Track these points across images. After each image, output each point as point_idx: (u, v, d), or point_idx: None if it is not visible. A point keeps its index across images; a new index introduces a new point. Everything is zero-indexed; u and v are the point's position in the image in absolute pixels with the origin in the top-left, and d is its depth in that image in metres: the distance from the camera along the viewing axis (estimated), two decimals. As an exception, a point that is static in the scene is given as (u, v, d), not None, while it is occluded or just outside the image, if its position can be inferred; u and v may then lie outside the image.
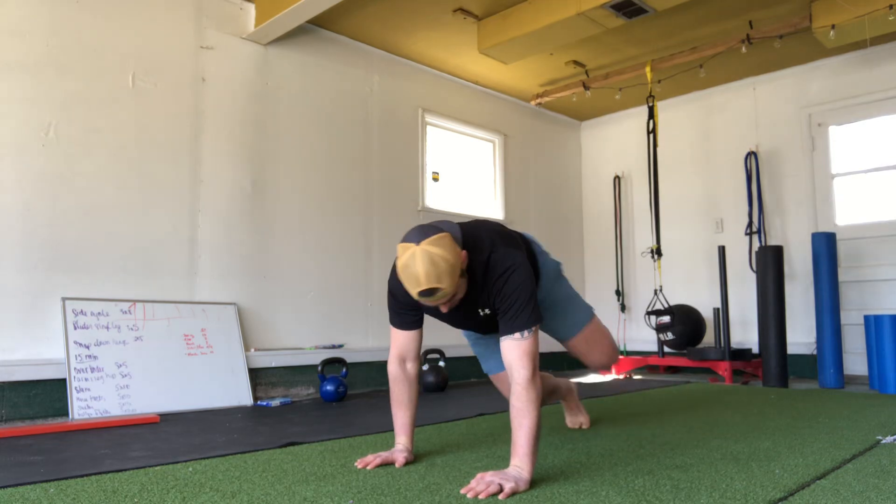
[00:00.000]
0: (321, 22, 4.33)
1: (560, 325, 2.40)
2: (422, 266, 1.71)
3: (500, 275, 1.86)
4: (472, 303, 1.96)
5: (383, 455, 1.98)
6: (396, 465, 1.95)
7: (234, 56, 3.98)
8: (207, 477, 1.86)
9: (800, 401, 3.43)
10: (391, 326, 2.10)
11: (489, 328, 2.12)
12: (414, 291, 1.75)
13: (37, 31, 3.23)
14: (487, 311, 1.97)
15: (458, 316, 2.04)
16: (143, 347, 3.32)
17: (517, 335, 1.80)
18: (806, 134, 5.12)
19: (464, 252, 1.83)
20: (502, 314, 1.86)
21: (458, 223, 1.97)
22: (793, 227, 5.14)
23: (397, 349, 2.08)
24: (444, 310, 1.89)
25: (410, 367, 2.08)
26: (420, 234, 1.77)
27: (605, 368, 2.53)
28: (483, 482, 1.66)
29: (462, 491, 1.67)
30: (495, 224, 2.08)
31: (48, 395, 3.06)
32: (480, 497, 1.61)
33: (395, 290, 2.02)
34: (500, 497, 1.61)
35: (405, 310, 2.05)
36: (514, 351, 1.80)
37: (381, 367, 4.39)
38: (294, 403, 3.63)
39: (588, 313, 2.44)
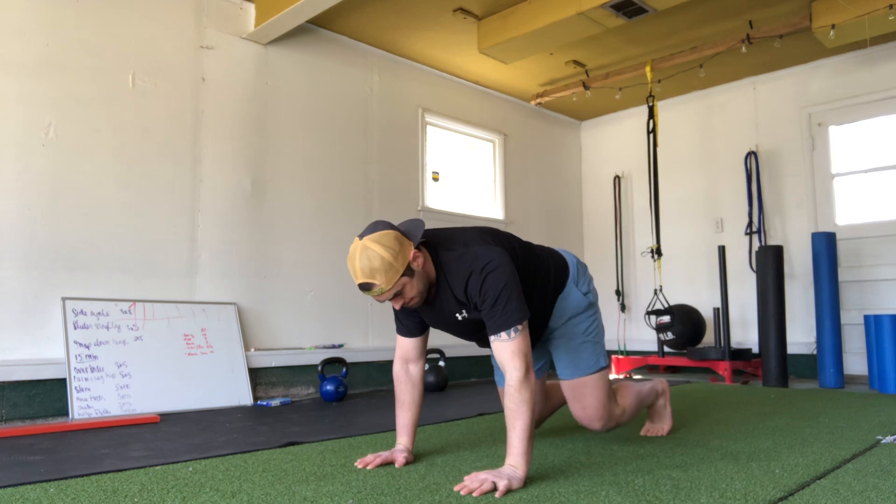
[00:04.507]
0: (321, 22, 4.33)
1: (558, 361, 2.20)
2: (358, 261, 1.76)
3: (476, 272, 1.80)
4: (450, 304, 1.89)
5: (383, 455, 1.98)
6: (396, 465, 1.95)
7: (234, 56, 3.98)
8: (207, 477, 1.86)
9: (800, 401, 3.43)
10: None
11: (477, 333, 2.02)
12: (356, 283, 1.81)
13: (37, 31, 3.23)
14: (465, 313, 1.89)
15: (439, 319, 1.98)
16: (143, 347, 3.32)
17: (503, 335, 1.76)
18: (806, 134, 5.12)
19: (415, 252, 1.79)
20: (487, 314, 1.80)
21: (443, 228, 2.00)
22: (793, 226, 5.14)
23: (401, 351, 2.09)
24: (396, 306, 1.88)
25: (413, 368, 2.08)
26: (369, 229, 1.81)
27: (588, 425, 2.17)
28: (477, 480, 1.66)
29: (456, 488, 1.66)
30: (488, 228, 2.02)
31: (48, 394, 3.06)
32: (474, 494, 1.61)
33: None
34: (497, 495, 1.61)
35: (404, 315, 2.04)
36: (504, 352, 1.76)
37: (381, 366, 4.39)
38: (294, 403, 3.63)
39: (592, 365, 2.14)
